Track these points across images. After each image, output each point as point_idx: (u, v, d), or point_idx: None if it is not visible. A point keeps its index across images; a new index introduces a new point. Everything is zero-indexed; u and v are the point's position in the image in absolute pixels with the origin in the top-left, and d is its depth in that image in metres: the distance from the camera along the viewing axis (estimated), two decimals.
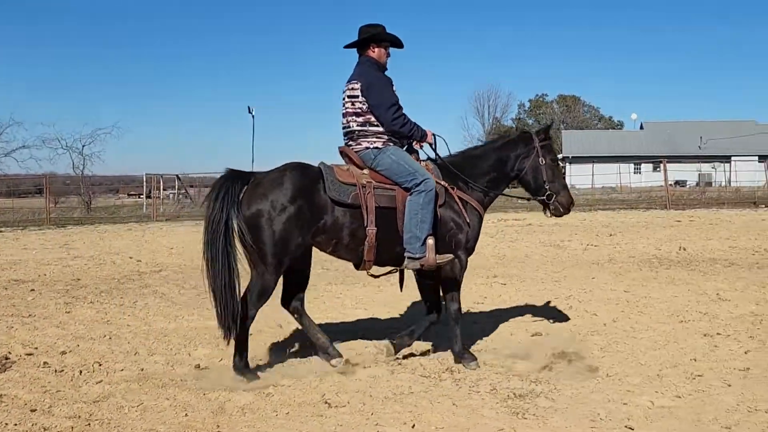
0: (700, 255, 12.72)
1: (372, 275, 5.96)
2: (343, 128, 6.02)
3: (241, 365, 5.49)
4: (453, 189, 5.89)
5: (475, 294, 9.00)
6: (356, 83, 5.85)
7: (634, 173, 54.79)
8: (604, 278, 10.17)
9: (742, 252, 13.03)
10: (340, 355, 5.80)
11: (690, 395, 4.94)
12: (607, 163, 58.10)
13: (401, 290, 6.34)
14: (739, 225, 19.14)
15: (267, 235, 5.36)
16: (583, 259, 12.71)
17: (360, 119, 5.85)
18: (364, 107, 5.81)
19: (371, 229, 5.57)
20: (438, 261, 5.71)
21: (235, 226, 5.36)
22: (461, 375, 5.54)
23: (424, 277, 6.04)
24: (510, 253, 13.85)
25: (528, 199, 6.40)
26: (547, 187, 6.08)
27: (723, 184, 50.05)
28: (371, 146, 5.82)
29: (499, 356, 6.11)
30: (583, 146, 66.83)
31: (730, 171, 50.60)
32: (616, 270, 11.06)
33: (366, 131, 5.83)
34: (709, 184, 52.43)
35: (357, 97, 5.83)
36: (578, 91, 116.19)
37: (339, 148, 6.08)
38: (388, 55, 6.06)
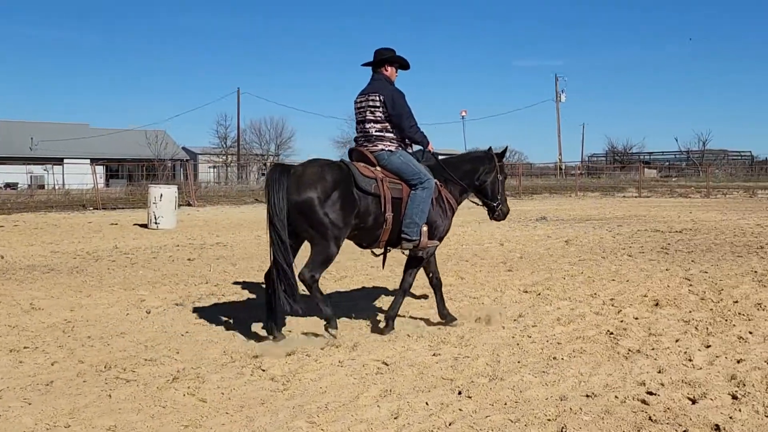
0: (19, 262, 12.20)
1: (374, 254, 7.15)
2: (360, 132, 6.93)
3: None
4: (441, 186, 6.95)
5: None
6: (376, 95, 6.74)
7: None
8: None
9: (64, 256, 12.99)
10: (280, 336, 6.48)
11: None
12: None
13: (383, 268, 7.42)
14: (66, 228, 19.28)
15: (321, 217, 6.15)
16: None
17: (378, 126, 6.79)
18: (384, 116, 6.75)
19: (389, 215, 6.55)
20: (428, 244, 6.79)
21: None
22: None
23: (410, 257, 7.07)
24: None
25: (479, 204, 7.63)
26: (498, 197, 7.43)
27: (55, 186, 49.97)
28: (386, 149, 6.76)
29: None
30: None
31: (63, 173, 50.81)
32: None
33: (383, 136, 6.79)
34: (42, 186, 51.68)
35: (378, 107, 6.74)
36: None
37: (350, 148, 7.06)
38: (397, 74, 7.04)
